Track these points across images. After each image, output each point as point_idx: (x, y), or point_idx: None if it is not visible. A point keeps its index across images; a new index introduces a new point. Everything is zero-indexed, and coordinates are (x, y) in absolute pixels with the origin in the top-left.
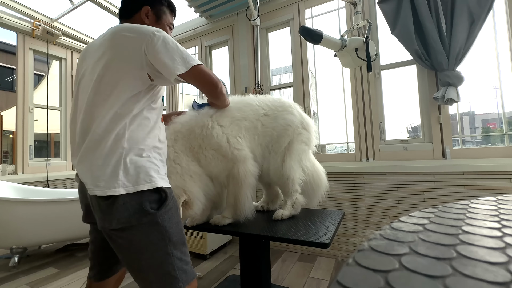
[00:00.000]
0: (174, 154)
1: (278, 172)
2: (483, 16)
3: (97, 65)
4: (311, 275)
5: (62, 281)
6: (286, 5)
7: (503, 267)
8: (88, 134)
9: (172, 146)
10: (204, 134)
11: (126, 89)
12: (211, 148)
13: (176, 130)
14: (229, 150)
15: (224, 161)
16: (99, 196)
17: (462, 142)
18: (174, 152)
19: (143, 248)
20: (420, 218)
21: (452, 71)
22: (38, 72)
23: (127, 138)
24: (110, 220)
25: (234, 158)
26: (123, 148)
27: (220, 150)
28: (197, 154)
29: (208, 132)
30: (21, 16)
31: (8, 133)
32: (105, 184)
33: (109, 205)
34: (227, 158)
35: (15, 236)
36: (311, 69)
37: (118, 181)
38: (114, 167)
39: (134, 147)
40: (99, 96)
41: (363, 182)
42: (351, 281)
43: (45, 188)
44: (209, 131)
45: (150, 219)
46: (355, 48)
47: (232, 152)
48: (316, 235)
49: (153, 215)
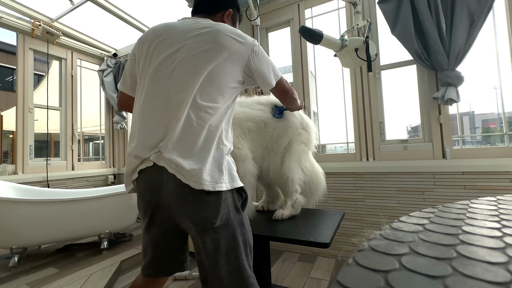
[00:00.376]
0: None
1: (278, 172)
2: (483, 16)
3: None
4: (311, 275)
5: (62, 281)
6: (286, 5)
7: (503, 267)
8: (191, 127)
9: None
10: None
11: (228, 88)
12: None
13: None
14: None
15: None
16: (206, 190)
17: (462, 142)
18: None
19: (229, 249)
20: (420, 218)
21: (452, 71)
22: (38, 72)
23: (224, 136)
24: (217, 216)
25: (234, 157)
26: (225, 145)
27: None
28: None
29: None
30: (21, 16)
31: (8, 133)
32: (213, 179)
33: (216, 200)
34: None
35: (15, 236)
36: (311, 69)
37: (223, 177)
38: (219, 163)
39: (228, 145)
40: (203, 89)
41: (363, 182)
42: (351, 281)
43: (45, 188)
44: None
45: (239, 219)
46: (355, 48)
47: (234, 152)
48: (316, 235)
49: (241, 215)
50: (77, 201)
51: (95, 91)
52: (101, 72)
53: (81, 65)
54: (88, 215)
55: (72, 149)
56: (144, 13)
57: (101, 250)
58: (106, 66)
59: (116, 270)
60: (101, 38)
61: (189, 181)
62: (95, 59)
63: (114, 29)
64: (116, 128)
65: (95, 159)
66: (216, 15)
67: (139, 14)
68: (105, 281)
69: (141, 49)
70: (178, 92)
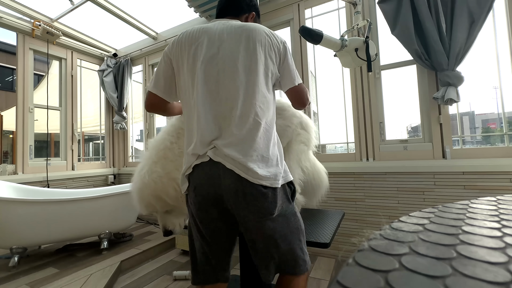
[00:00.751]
0: (178, 150)
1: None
2: (483, 16)
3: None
4: (311, 275)
5: (62, 281)
6: (286, 5)
7: (503, 267)
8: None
9: (176, 142)
10: None
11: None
12: None
13: (178, 127)
14: None
15: None
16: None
17: (462, 142)
18: (178, 149)
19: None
20: (420, 218)
21: (452, 71)
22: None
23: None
24: (275, 207)
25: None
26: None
27: None
28: None
29: None
30: (21, 16)
31: (8, 133)
32: (270, 174)
33: (273, 193)
34: None
35: (15, 236)
36: (311, 69)
37: (280, 171)
38: (277, 158)
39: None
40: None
41: (363, 182)
42: (351, 281)
43: (45, 188)
44: None
45: (291, 208)
46: (355, 48)
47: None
48: (316, 235)
49: (292, 205)
50: (77, 201)
51: (95, 91)
52: (101, 72)
53: (81, 65)
54: (88, 215)
55: (72, 149)
56: (144, 13)
57: (101, 250)
58: (106, 66)
59: (116, 270)
60: (101, 38)
61: (248, 176)
62: (95, 59)
63: (114, 29)
64: (116, 128)
65: (95, 159)
66: (240, 17)
67: (139, 14)
68: (105, 281)
69: (179, 52)
70: (228, 90)
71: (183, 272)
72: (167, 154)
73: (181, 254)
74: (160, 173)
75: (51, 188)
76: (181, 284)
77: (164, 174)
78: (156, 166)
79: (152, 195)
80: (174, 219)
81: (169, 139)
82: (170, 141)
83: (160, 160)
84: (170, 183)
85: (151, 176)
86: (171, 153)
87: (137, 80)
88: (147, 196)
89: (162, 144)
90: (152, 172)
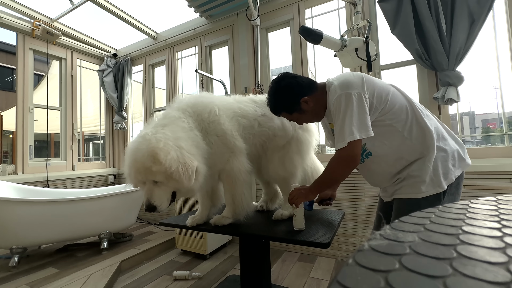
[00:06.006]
0: (188, 124)
1: (277, 172)
2: (483, 16)
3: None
4: (311, 275)
5: (62, 281)
6: (286, 5)
7: (503, 267)
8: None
9: (186, 118)
10: (211, 120)
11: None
12: (215, 134)
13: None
14: (231, 139)
15: (223, 149)
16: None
17: (462, 142)
18: (187, 123)
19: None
20: (420, 218)
21: (452, 71)
22: (38, 72)
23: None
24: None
25: (233, 148)
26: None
27: (223, 137)
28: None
29: (216, 118)
30: (21, 16)
31: (8, 133)
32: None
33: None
34: (227, 147)
35: (15, 236)
36: (311, 69)
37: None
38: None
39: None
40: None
41: (363, 182)
42: (351, 281)
43: (45, 188)
44: (216, 118)
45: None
46: (355, 48)
47: (234, 143)
48: (316, 235)
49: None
50: (77, 201)
51: (95, 91)
52: (101, 72)
53: (81, 65)
54: (88, 215)
55: (72, 149)
56: (144, 13)
57: (101, 250)
58: (106, 66)
59: (116, 270)
60: (101, 38)
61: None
62: (95, 59)
63: (114, 29)
64: (116, 128)
65: (95, 159)
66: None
67: (139, 14)
68: (105, 281)
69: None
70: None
71: (183, 272)
72: (177, 122)
73: (181, 254)
74: (168, 136)
75: (51, 188)
76: (181, 284)
77: (172, 138)
78: (164, 129)
79: (150, 154)
80: (162, 194)
81: (179, 115)
82: (180, 116)
83: (170, 124)
84: (175, 148)
85: (155, 134)
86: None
87: (137, 80)
88: (144, 153)
89: (171, 116)
90: (157, 132)
